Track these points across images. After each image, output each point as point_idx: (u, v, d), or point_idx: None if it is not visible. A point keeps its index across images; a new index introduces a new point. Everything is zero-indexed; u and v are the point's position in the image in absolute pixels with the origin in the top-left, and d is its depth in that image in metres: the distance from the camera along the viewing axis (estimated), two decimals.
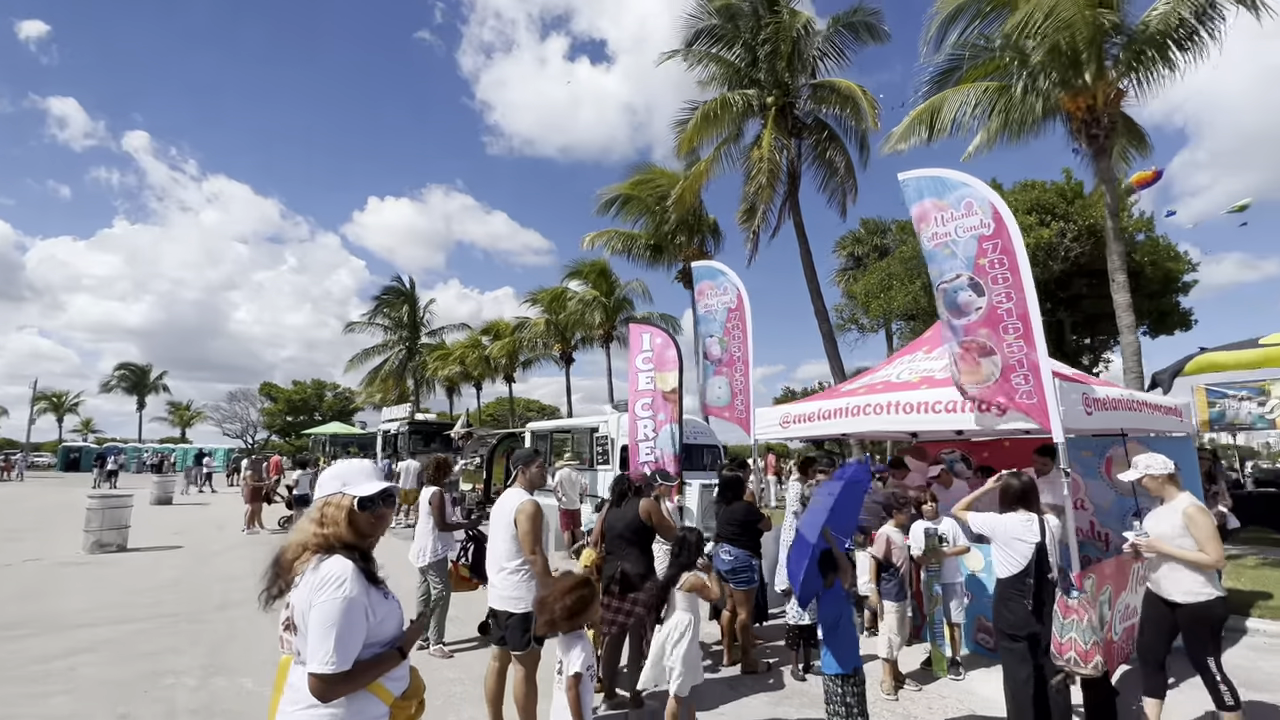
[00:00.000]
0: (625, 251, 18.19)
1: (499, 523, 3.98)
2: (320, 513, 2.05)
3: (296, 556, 2.04)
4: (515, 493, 4.05)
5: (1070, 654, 3.61)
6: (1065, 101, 8.67)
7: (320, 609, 1.81)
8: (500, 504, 4.01)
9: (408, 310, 38.02)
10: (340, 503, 2.05)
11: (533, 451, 4.21)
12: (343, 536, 2.00)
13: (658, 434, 9.98)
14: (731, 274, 7.40)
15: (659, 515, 4.83)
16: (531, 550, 3.80)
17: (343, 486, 2.08)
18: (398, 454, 21.61)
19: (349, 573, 1.87)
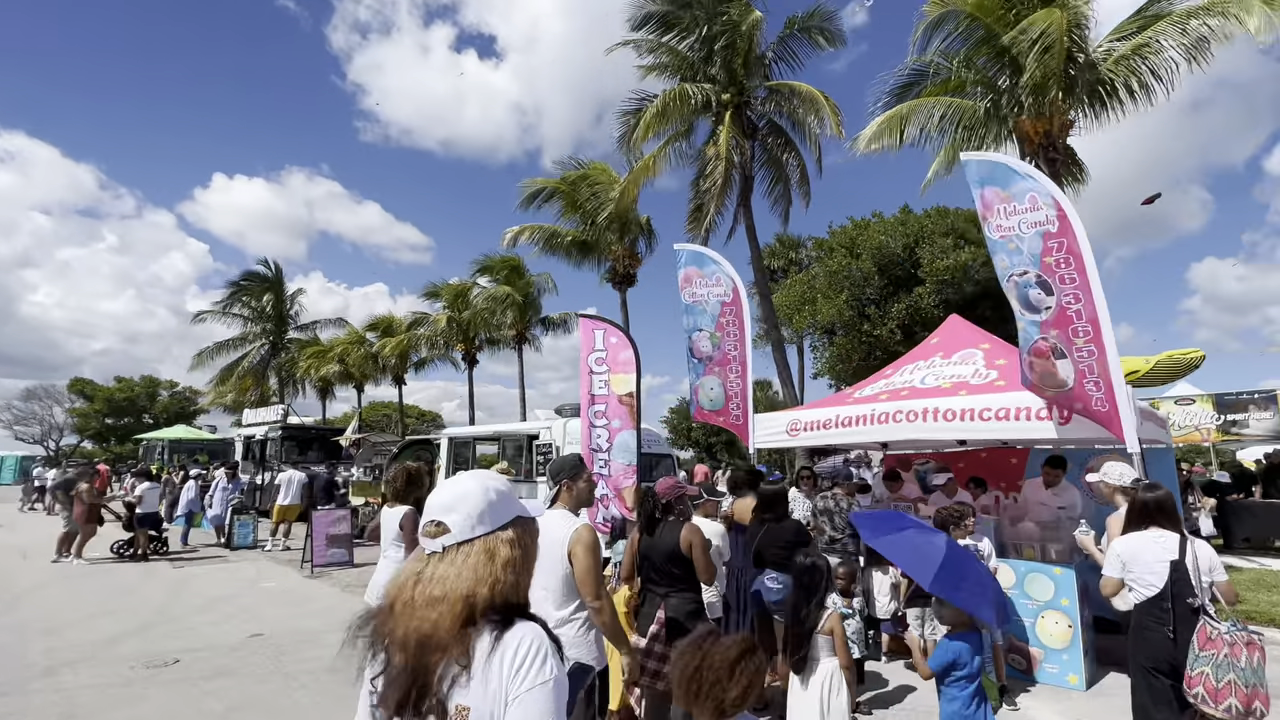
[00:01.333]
0: (550, 249, 17.11)
1: (543, 558, 2.96)
2: (506, 551, 1.34)
3: (457, 626, 1.23)
4: (561, 516, 3.05)
5: (1198, 689, 3.31)
6: (1025, 124, 9.14)
7: (528, 704, 1.20)
8: (541, 531, 3.01)
9: (272, 300, 33.88)
10: (530, 532, 1.43)
11: (577, 460, 3.24)
12: (522, 587, 1.37)
13: (612, 443, 9.14)
14: (725, 264, 6.79)
15: (701, 548, 4.00)
16: (596, 594, 2.85)
17: (522, 510, 1.42)
18: (265, 463, 18.82)
19: (547, 642, 1.28)
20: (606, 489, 8.96)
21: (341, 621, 3.90)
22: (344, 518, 10.92)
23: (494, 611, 1.30)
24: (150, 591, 8.70)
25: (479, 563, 1.33)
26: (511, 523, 1.44)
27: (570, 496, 3.04)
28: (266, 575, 9.99)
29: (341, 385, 31.81)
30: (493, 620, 1.28)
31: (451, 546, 1.35)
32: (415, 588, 1.32)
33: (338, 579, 9.63)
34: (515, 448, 10.75)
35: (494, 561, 1.34)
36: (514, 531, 1.43)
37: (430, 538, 1.36)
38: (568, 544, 2.81)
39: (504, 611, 1.32)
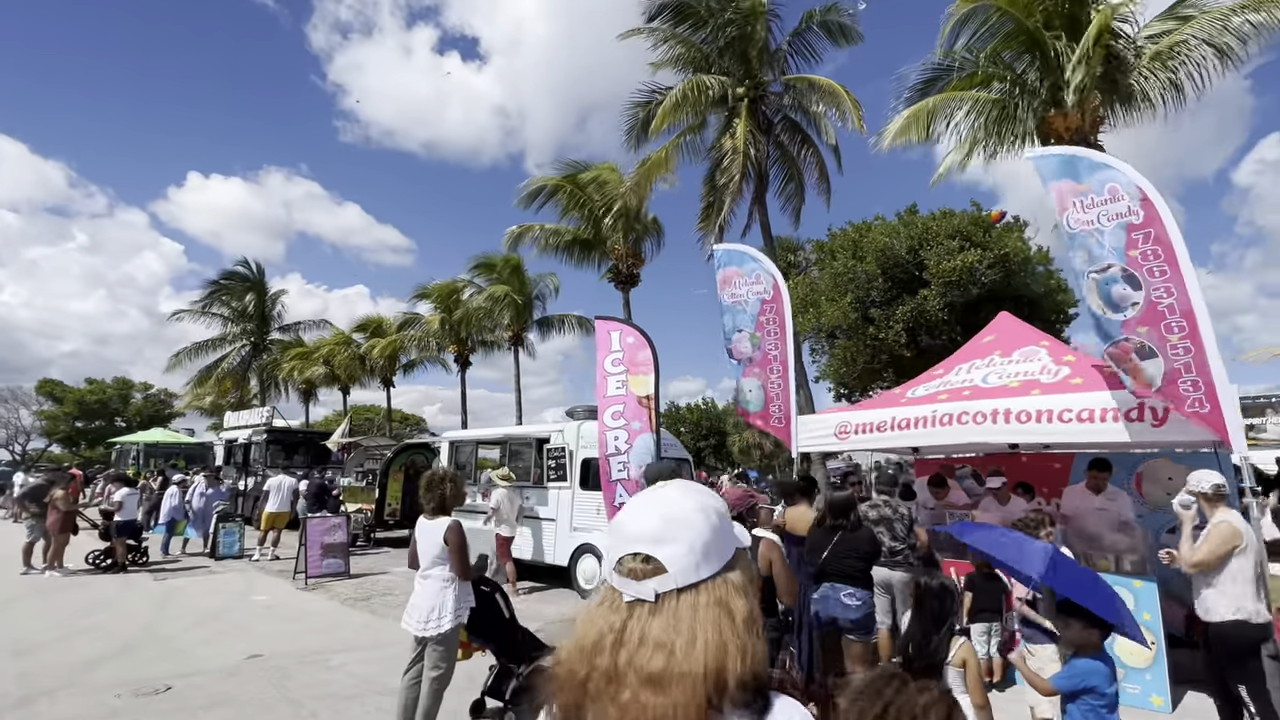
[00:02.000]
0: (552, 248, 16.65)
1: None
2: (743, 605, 0.95)
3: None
4: None
5: None
6: (1056, 120, 8.95)
7: None
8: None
9: (254, 300, 32.98)
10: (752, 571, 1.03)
11: (677, 465, 2.78)
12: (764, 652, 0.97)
13: (632, 446, 8.72)
14: (765, 261, 6.43)
15: (782, 565, 3.61)
16: None
17: (739, 538, 1.04)
18: (249, 468, 18.10)
19: None
20: (626, 495, 8.55)
21: (346, 640, 3.46)
22: (339, 525, 10.37)
23: (745, 691, 0.90)
24: (132, 606, 8.09)
25: (718, 622, 0.92)
26: (736, 558, 1.02)
27: None
28: (257, 587, 9.39)
29: (326, 388, 30.95)
30: (747, 704, 0.88)
31: (669, 594, 0.94)
32: (619, 654, 0.91)
33: (335, 591, 9.08)
34: (522, 452, 10.26)
35: (734, 619, 0.93)
36: (742, 572, 1.01)
37: (634, 578, 0.95)
38: None
39: (756, 689, 0.92)
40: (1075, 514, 5.28)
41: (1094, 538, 4.99)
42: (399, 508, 14.12)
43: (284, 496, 12.59)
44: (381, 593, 9.03)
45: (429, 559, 3.91)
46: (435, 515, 4.01)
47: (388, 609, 8.00)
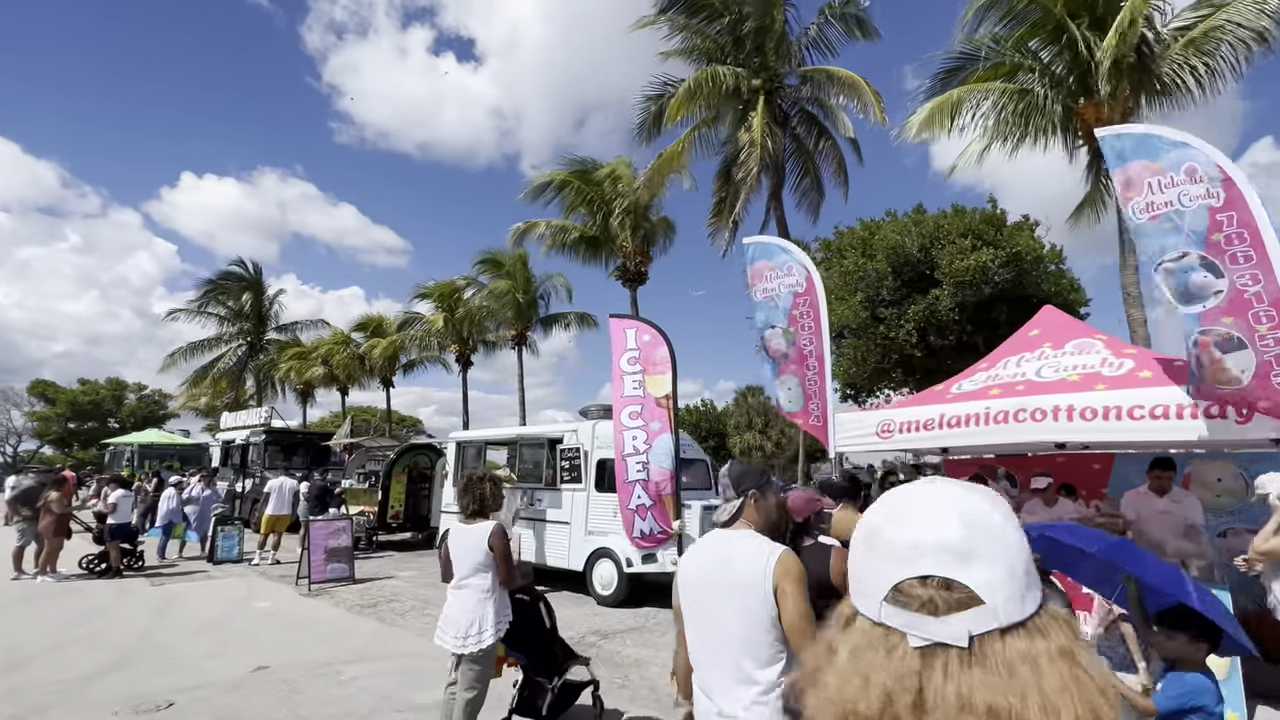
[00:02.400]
0: (558, 245, 16.34)
1: (727, 598, 2.15)
2: (1083, 652, 0.64)
3: None
4: (749, 540, 2.16)
5: None
6: (1088, 110, 8.69)
7: None
8: (715, 559, 2.22)
9: (251, 300, 32.57)
10: None
11: (763, 473, 2.44)
12: None
13: (650, 446, 8.40)
14: (797, 252, 6.14)
15: None
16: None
17: None
18: (247, 469, 17.71)
19: None
20: (646, 497, 8.23)
21: (356, 650, 3.07)
22: (343, 529, 10.01)
23: None
24: (128, 614, 7.72)
25: (1074, 681, 0.62)
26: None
27: (758, 514, 2.29)
28: (259, 593, 9.03)
29: (324, 388, 30.53)
30: None
31: (989, 637, 0.64)
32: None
33: (340, 597, 8.73)
34: (534, 453, 9.94)
35: (1090, 678, 0.63)
36: (1062, 603, 0.69)
37: (929, 612, 0.65)
38: (771, 576, 2.05)
39: None
40: (1137, 518, 4.99)
41: (1158, 544, 4.70)
42: (402, 510, 13.77)
43: (285, 499, 12.23)
44: (388, 599, 8.68)
45: (467, 567, 3.58)
46: (474, 519, 3.67)
47: (396, 616, 7.67)
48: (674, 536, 8.07)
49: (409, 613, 7.88)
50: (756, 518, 2.28)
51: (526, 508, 9.48)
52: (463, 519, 3.70)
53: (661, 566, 7.96)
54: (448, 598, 3.67)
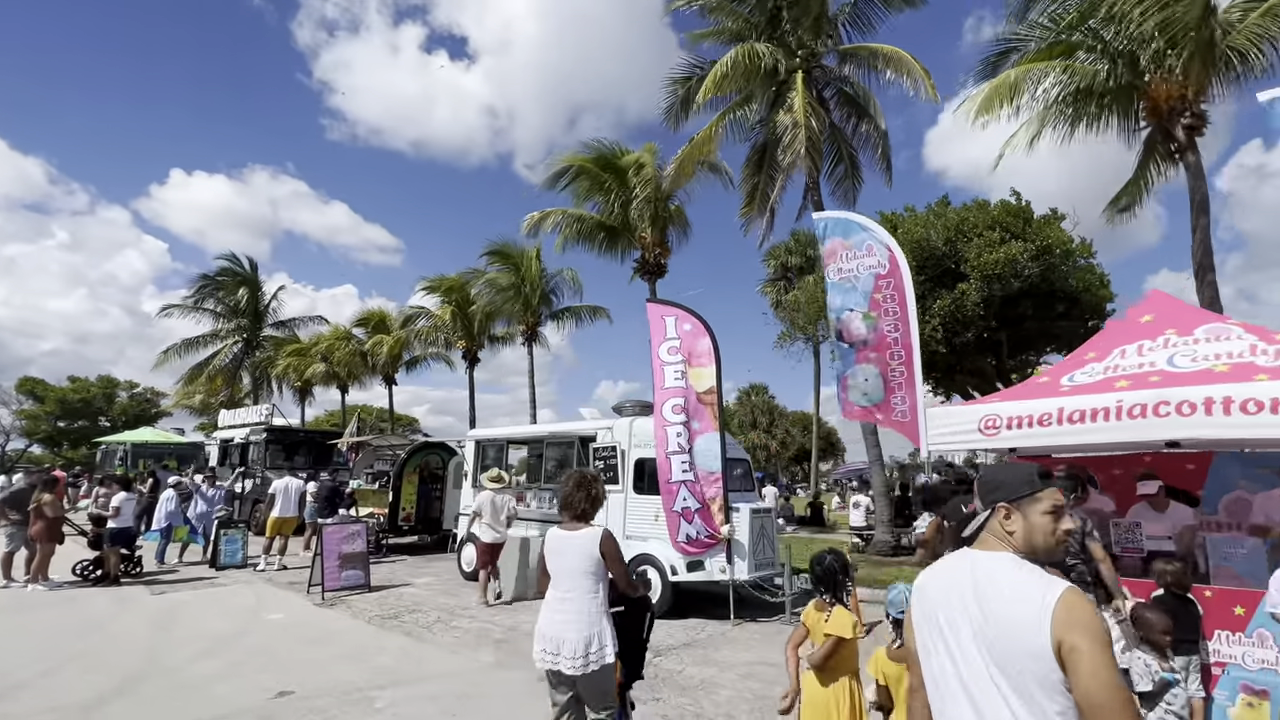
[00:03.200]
0: (574, 235, 15.70)
1: (979, 647, 1.56)
2: None
3: None
4: (1014, 568, 1.59)
5: None
6: (1157, 90, 8.15)
7: None
8: (961, 589, 1.62)
9: (247, 296, 31.78)
10: None
11: (1034, 472, 1.81)
12: None
13: (693, 445, 7.83)
14: (878, 229, 5.56)
15: None
16: (1123, 707, 1.46)
17: None
18: (247, 469, 17.01)
19: None
20: (691, 499, 7.64)
21: (388, 671, 2.38)
22: (358, 533, 9.37)
23: None
24: (129, 627, 7.06)
25: None
26: None
27: (1015, 532, 1.67)
28: (269, 603, 8.37)
29: (323, 386, 29.77)
30: None
31: None
32: None
33: (357, 607, 8.08)
34: (563, 452, 9.33)
35: None
36: None
37: None
38: (1050, 625, 1.44)
39: None
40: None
41: None
42: (414, 512, 13.12)
43: (291, 500, 11.55)
44: (410, 609, 8.05)
45: (578, 575, 3.16)
46: (577, 523, 3.26)
47: (422, 630, 7.03)
48: (722, 542, 7.50)
49: (435, 625, 7.26)
50: (1023, 536, 1.67)
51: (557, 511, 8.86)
52: (565, 524, 3.28)
53: (709, 575, 7.37)
54: (547, 614, 3.19)
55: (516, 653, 6.19)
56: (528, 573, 8.59)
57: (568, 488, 3.33)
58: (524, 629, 7.07)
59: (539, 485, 9.41)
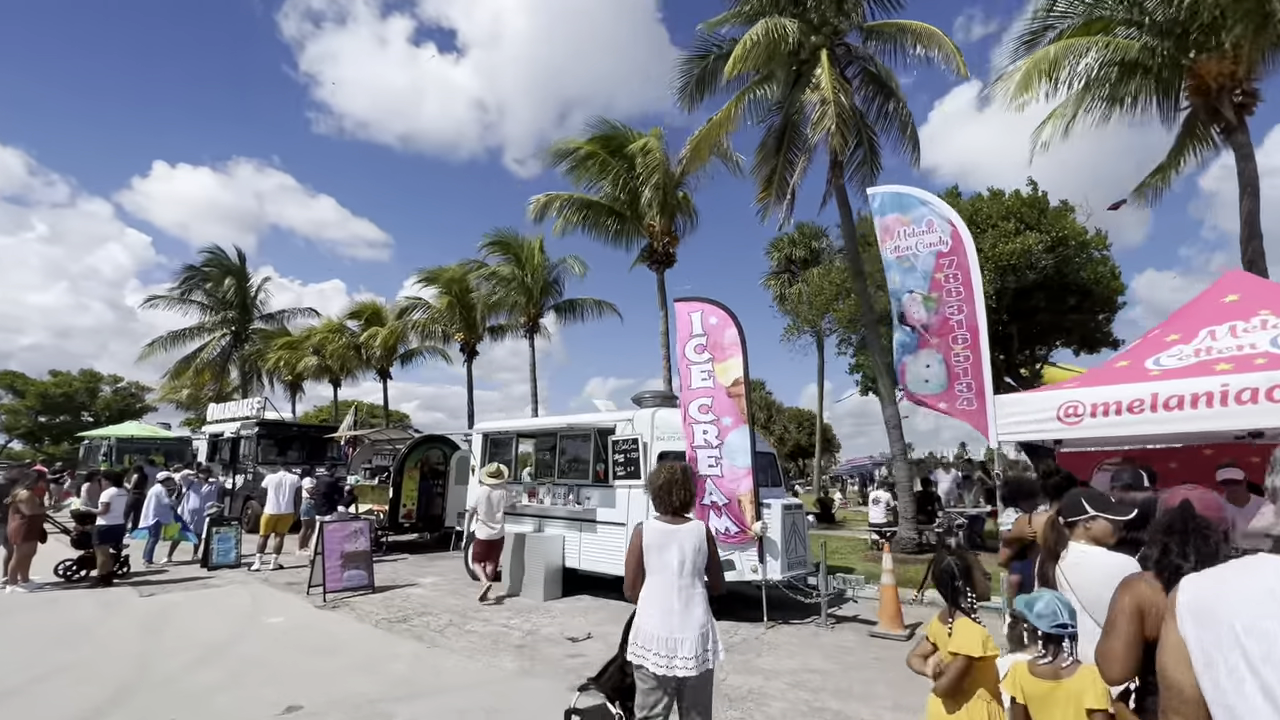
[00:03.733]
0: (581, 222, 15.21)
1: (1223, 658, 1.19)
2: None
3: None
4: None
5: None
6: (1205, 67, 7.83)
7: None
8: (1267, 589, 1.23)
9: (235, 287, 31.01)
10: None
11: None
12: None
13: (723, 441, 7.42)
14: (938, 203, 5.17)
15: None
16: None
17: None
18: (238, 465, 16.47)
19: None
20: (719, 494, 7.24)
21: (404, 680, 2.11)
22: (361, 530, 8.89)
23: None
24: (118, 632, 6.57)
25: None
26: None
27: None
28: (266, 605, 7.89)
29: (315, 380, 29.12)
30: None
31: None
32: None
33: (362, 610, 7.62)
34: (579, 446, 8.89)
35: None
36: None
37: None
38: None
39: None
40: None
41: None
42: (415, 509, 12.64)
43: (286, 496, 11.05)
44: (418, 611, 7.60)
45: (688, 570, 2.97)
46: (679, 516, 3.08)
47: (435, 634, 6.59)
48: (752, 540, 7.11)
49: (448, 629, 6.81)
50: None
51: (573, 507, 8.44)
52: (666, 517, 3.10)
53: (740, 574, 6.97)
54: (657, 614, 2.93)
55: (540, 658, 5.77)
56: (542, 573, 8.16)
57: (666, 481, 3.10)
58: (543, 632, 6.66)
59: (553, 480, 8.96)
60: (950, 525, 10.52)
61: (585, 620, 7.13)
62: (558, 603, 8.06)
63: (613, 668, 3.43)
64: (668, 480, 3.10)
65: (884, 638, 6.37)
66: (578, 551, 8.34)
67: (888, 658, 5.74)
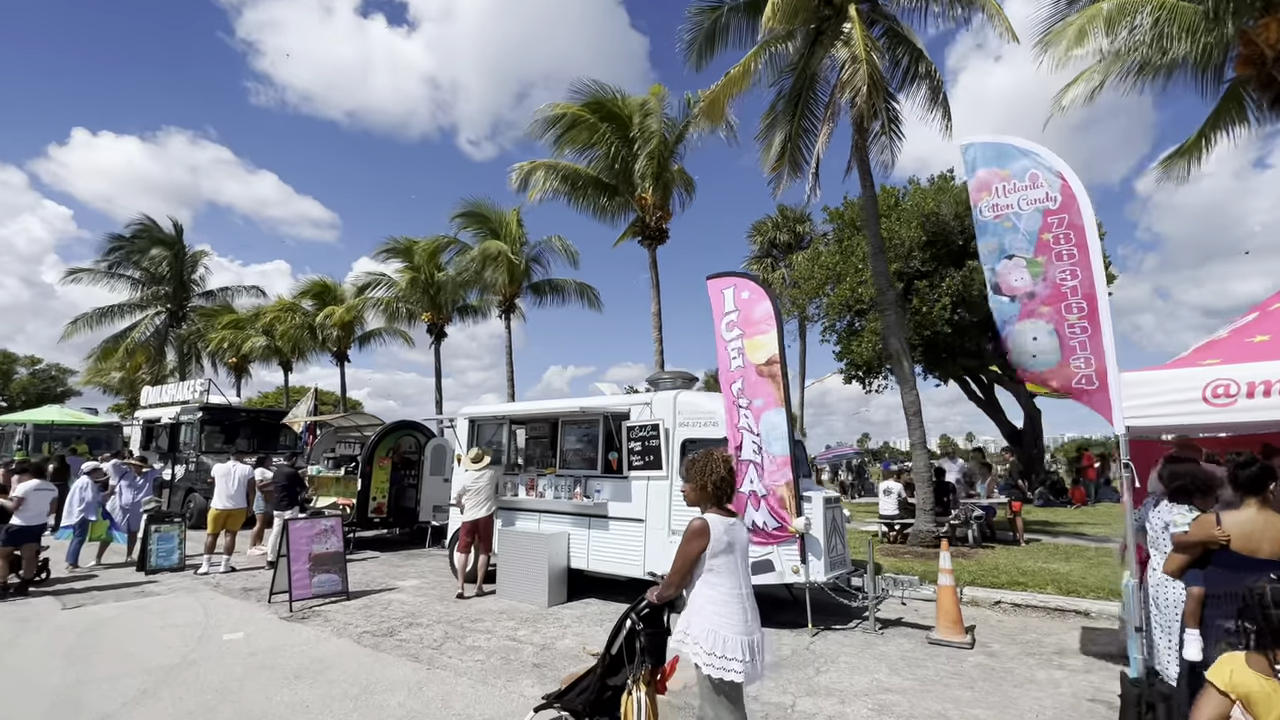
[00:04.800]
0: (568, 193, 14.12)
1: None
2: None
3: None
4: None
5: None
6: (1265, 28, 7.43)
7: None
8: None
9: (170, 262, 28.66)
10: None
11: None
12: None
13: (759, 426, 6.67)
14: (1045, 153, 4.47)
15: None
16: None
17: None
18: (177, 454, 14.98)
19: None
20: (759, 483, 6.50)
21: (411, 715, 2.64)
22: (332, 529, 7.81)
23: None
24: (35, 657, 5.40)
25: None
26: None
27: None
28: (222, 618, 6.77)
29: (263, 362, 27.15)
30: None
31: None
32: None
33: (338, 621, 6.60)
34: (585, 432, 7.99)
35: None
36: None
37: None
38: None
39: None
40: None
41: None
42: (386, 502, 11.51)
43: (237, 489, 9.79)
44: (405, 622, 6.62)
45: (746, 566, 2.90)
46: (715, 509, 2.88)
47: (430, 651, 5.64)
48: (792, 538, 6.39)
49: (446, 644, 5.87)
50: None
51: (581, 501, 7.55)
52: (722, 511, 2.88)
53: (780, 576, 6.25)
54: (736, 615, 2.75)
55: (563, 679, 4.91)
56: (546, 575, 7.27)
57: (726, 469, 2.89)
58: (560, 646, 5.79)
59: (555, 472, 8.05)
60: (968, 517, 10.11)
61: (603, 630, 6.29)
62: (565, 608, 7.19)
63: (591, 680, 3.16)
64: (728, 470, 2.89)
65: (945, 645, 5.76)
66: (585, 550, 7.49)
67: (966, 672, 5.11)
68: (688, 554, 2.73)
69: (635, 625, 3.01)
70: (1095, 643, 5.87)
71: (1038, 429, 19.54)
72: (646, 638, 2.97)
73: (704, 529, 2.72)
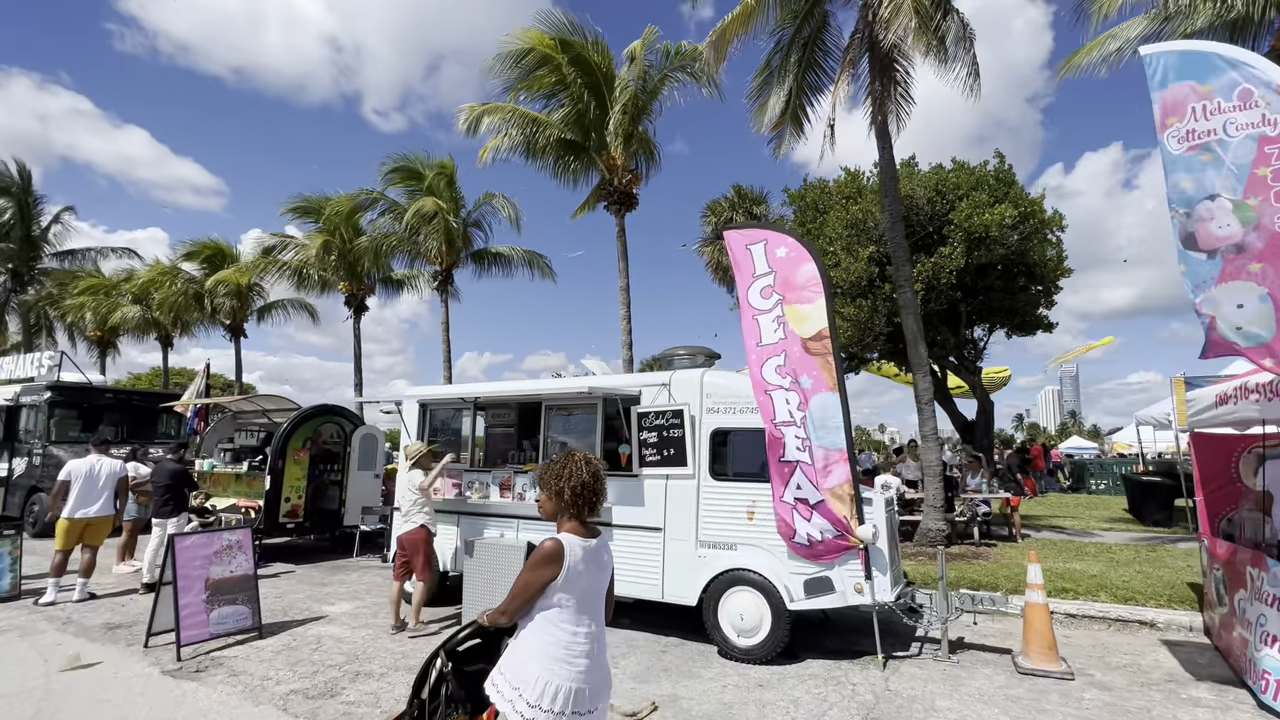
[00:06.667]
0: (526, 146, 12.33)
1: None
2: None
3: None
4: None
5: None
6: None
7: None
8: None
9: (14, 214, 24.29)
10: None
11: None
12: None
13: (806, 412, 5.51)
14: (1262, 64, 3.54)
15: None
16: None
17: None
18: (17, 444, 12.25)
19: None
20: (807, 486, 5.34)
21: None
22: (239, 544, 5.97)
23: None
24: None
25: None
26: None
27: None
28: (71, 676, 4.84)
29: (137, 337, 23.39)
30: None
31: None
32: None
33: (252, 675, 4.86)
34: (581, 422, 6.55)
35: None
36: None
37: None
38: None
39: None
40: None
41: None
42: (302, 503, 9.53)
43: (98, 490, 7.53)
44: (349, 671, 4.98)
45: (602, 600, 2.40)
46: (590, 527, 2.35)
47: None
48: (854, 549, 5.30)
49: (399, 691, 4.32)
50: None
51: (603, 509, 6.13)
52: (581, 528, 2.28)
53: (842, 597, 5.14)
54: (578, 660, 2.17)
55: None
56: None
57: (588, 474, 2.29)
58: None
59: (537, 468, 6.56)
60: (974, 514, 9.54)
61: (620, 671, 4.94)
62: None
63: None
64: (592, 475, 2.32)
65: (1041, 675, 4.85)
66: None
67: (1096, 716, 4.18)
68: (530, 582, 2.18)
69: (444, 668, 2.34)
70: (1197, 663, 5.17)
71: (990, 421, 19.83)
72: (460, 680, 2.34)
73: (556, 554, 2.17)
